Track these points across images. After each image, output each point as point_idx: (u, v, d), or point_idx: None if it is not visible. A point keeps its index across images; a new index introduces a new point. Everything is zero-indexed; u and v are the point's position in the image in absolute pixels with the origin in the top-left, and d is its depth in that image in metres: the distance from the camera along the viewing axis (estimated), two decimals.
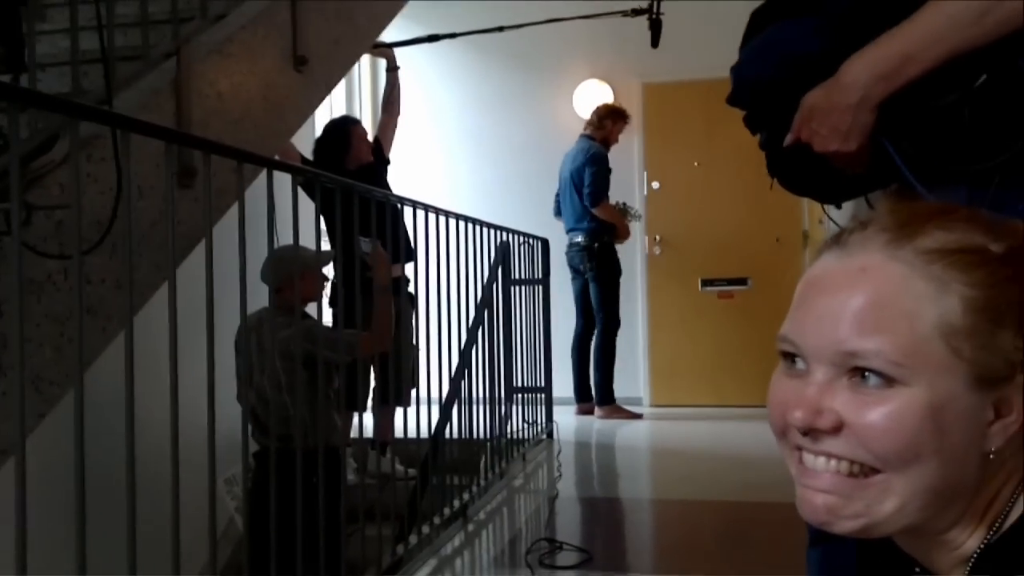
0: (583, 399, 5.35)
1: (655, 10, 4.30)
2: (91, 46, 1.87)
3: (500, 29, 4.70)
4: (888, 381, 0.65)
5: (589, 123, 5.38)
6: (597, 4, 4.69)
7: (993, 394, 0.65)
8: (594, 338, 5.30)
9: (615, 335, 5.29)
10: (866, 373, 0.65)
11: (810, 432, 0.67)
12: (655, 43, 4.35)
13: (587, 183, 5.16)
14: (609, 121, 5.33)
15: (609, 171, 5.26)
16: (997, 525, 0.67)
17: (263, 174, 2.06)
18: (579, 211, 5.26)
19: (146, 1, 2.04)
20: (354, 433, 3.38)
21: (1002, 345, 0.65)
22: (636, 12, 4.38)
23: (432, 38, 4.52)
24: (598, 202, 5.17)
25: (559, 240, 5.22)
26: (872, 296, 0.66)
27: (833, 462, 0.67)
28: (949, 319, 0.64)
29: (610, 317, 5.24)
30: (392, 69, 4.35)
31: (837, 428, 0.66)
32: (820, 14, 1.10)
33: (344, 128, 4.11)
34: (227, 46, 2.28)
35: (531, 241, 4.44)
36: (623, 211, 5.53)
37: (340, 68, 3.02)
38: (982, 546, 0.67)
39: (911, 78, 0.97)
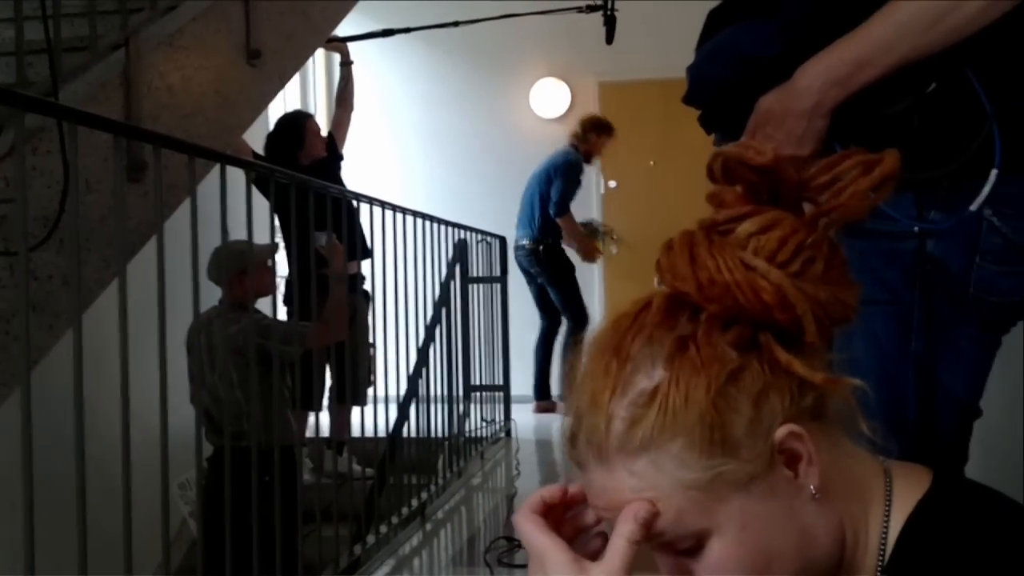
0: (543, 396, 5.35)
1: (609, 6, 4.32)
2: (36, 36, 1.82)
3: (455, 24, 4.67)
4: (699, 541, 0.65)
5: (575, 133, 5.32)
6: (552, 5, 4.70)
7: (772, 469, 0.65)
8: (562, 336, 5.29)
9: (586, 331, 5.27)
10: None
11: None
12: (609, 40, 4.37)
13: (554, 193, 5.12)
14: (593, 135, 5.28)
15: (579, 184, 5.22)
16: (881, 558, 0.68)
17: (215, 169, 2.03)
18: (530, 212, 5.24)
19: None
20: (310, 432, 3.34)
21: (739, 437, 0.64)
22: (591, 8, 4.39)
23: (386, 32, 4.49)
24: (562, 213, 5.13)
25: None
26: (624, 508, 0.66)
27: None
28: (683, 482, 0.64)
29: (577, 315, 5.22)
30: (346, 64, 4.30)
31: None
32: (777, 17, 1.11)
33: (297, 122, 4.05)
34: (178, 38, 2.24)
35: (489, 239, 4.44)
36: (592, 231, 5.49)
37: (294, 62, 2.98)
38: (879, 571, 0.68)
39: (864, 84, 0.98)
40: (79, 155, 1.57)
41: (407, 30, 4.53)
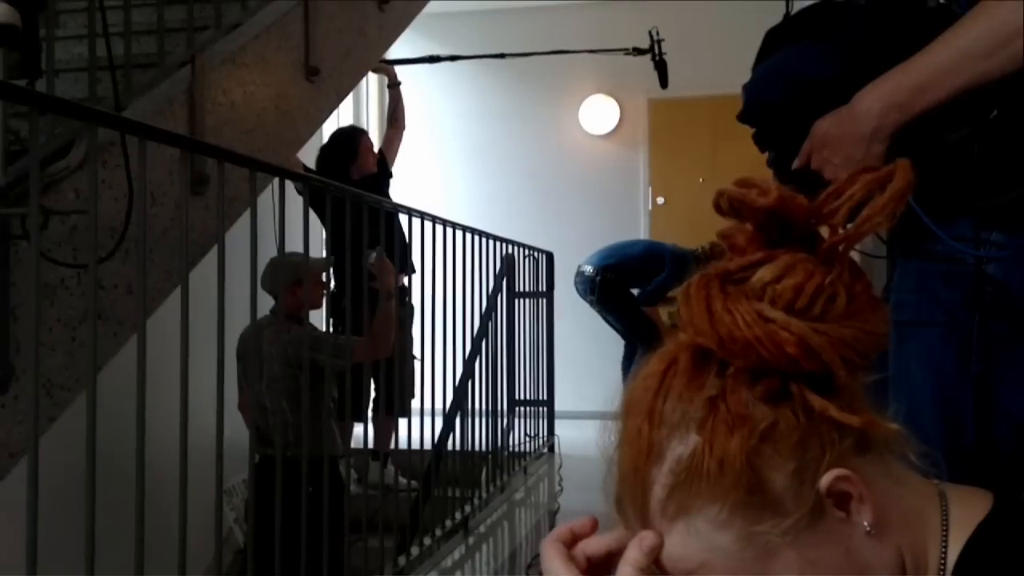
0: None
1: (657, 52, 4.30)
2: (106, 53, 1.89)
3: (502, 56, 4.73)
4: None
5: (702, 247, 5.12)
6: (600, 22, 4.71)
7: (822, 515, 0.64)
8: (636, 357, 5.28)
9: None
10: None
11: None
12: (664, 84, 4.35)
13: (659, 280, 5.04)
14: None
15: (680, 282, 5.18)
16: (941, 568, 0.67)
17: (272, 182, 2.08)
18: (611, 250, 5.19)
19: (162, 9, 2.06)
20: (354, 443, 3.38)
21: (781, 492, 0.63)
22: (638, 51, 4.39)
23: (433, 59, 4.56)
24: (653, 304, 5.11)
25: (564, 254, 5.22)
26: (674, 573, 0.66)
27: None
28: (725, 545, 0.64)
29: (644, 338, 5.12)
30: (394, 85, 4.39)
31: None
32: (836, 39, 1.11)
33: (352, 137, 4.14)
34: (241, 55, 2.30)
35: (536, 254, 4.46)
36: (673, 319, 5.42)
37: (350, 79, 3.04)
38: None
39: (924, 109, 0.97)
40: (145, 168, 1.63)
41: (453, 58, 4.60)
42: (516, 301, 4.08)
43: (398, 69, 4.44)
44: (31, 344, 1.39)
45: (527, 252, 4.30)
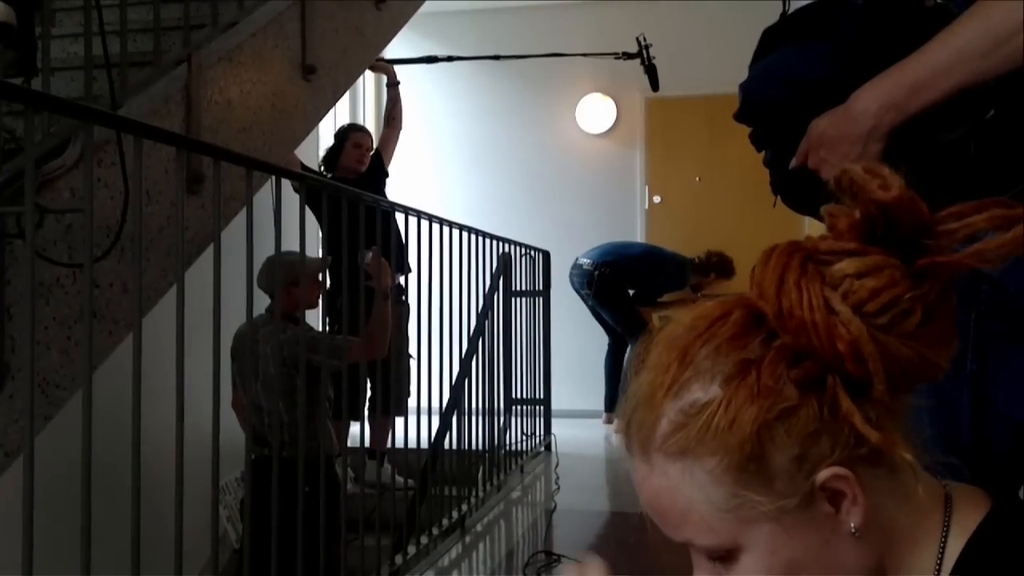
0: (612, 409, 5.36)
1: (646, 57, 4.33)
2: (102, 51, 1.89)
3: (496, 58, 4.78)
4: (730, 556, 0.67)
5: (699, 256, 5.41)
6: (599, 21, 4.71)
7: (810, 505, 0.64)
8: (627, 352, 5.35)
9: None
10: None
11: None
12: (655, 87, 4.40)
13: (659, 284, 5.24)
14: (714, 273, 5.36)
15: (678, 289, 5.33)
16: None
17: (268, 180, 2.07)
18: (611, 248, 5.28)
19: (158, 7, 2.06)
20: (351, 442, 3.38)
21: (777, 471, 0.64)
22: (627, 56, 4.42)
23: (430, 59, 4.58)
24: (648, 306, 5.26)
25: (561, 252, 5.23)
26: (657, 506, 0.68)
27: None
28: (713, 498, 0.65)
29: (637, 332, 5.23)
30: (393, 84, 4.39)
31: None
32: (832, 38, 1.11)
33: (340, 134, 4.16)
34: (237, 54, 2.30)
35: (533, 253, 4.46)
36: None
37: (347, 78, 3.04)
38: None
39: (921, 108, 0.97)
40: (141, 167, 1.63)
41: (450, 59, 4.63)
42: (513, 300, 4.08)
43: (397, 67, 4.45)
44: (27, 343, 1.39)
45: (524, 251, 4.30)
